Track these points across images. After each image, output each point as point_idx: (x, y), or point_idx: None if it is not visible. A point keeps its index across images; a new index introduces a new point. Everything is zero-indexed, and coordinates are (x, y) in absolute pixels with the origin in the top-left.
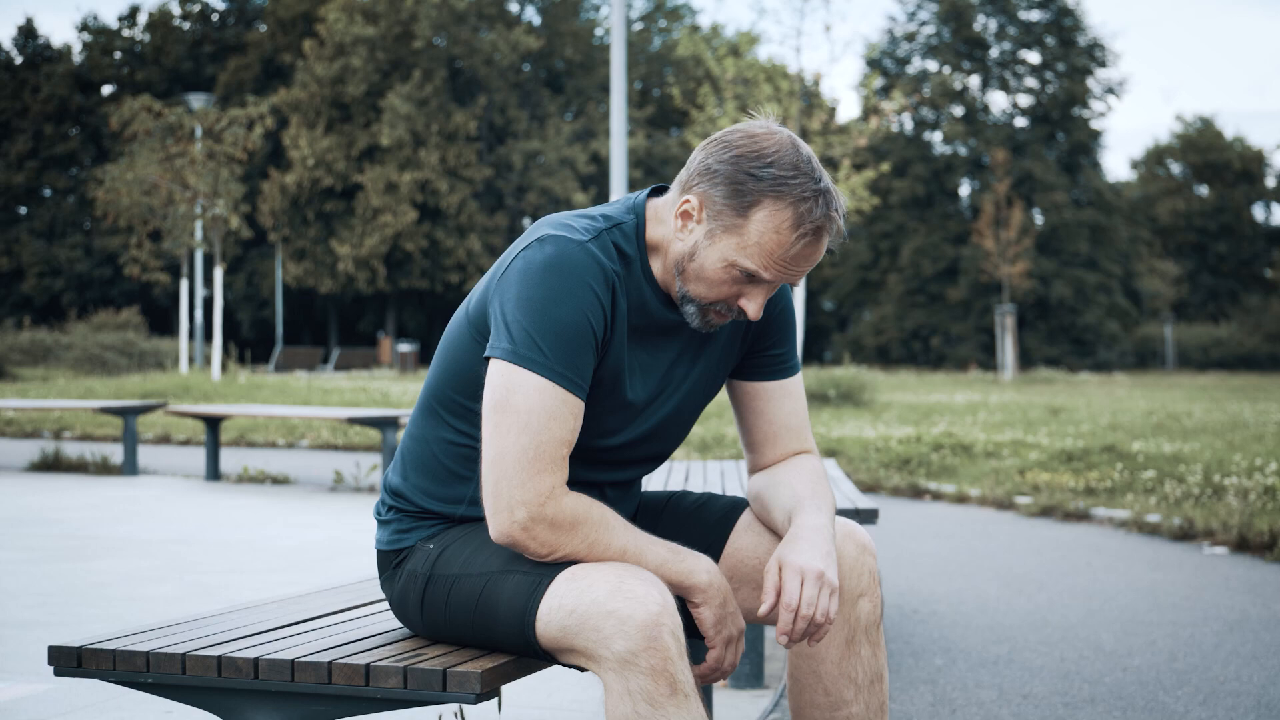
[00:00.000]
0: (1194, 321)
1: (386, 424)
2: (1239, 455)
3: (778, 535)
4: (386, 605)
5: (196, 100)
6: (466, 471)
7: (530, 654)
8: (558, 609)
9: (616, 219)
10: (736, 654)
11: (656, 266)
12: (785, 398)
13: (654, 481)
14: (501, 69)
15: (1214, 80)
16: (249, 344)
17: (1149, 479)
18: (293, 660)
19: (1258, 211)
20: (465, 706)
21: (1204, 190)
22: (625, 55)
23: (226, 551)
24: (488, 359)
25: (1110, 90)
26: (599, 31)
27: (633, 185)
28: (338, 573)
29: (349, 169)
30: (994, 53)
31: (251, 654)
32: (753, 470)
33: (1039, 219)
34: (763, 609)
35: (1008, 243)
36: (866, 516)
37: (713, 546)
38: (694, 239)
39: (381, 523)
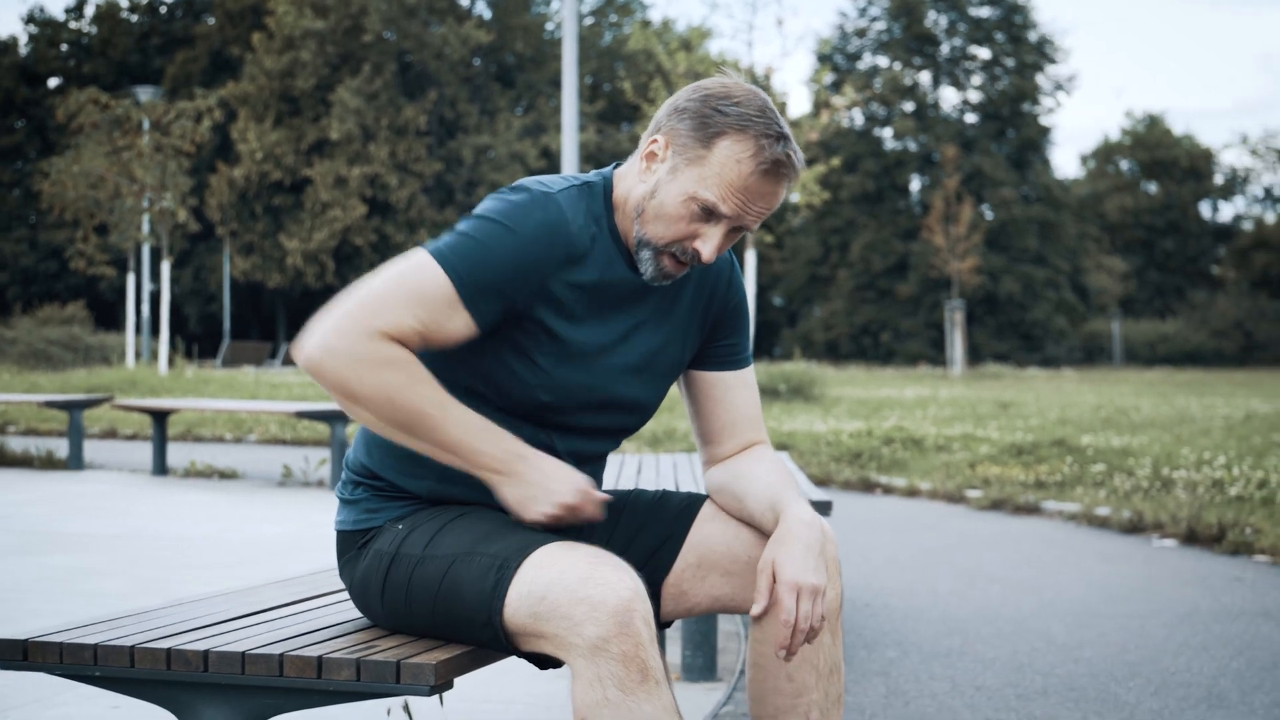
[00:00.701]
0: (1141, 318)
1: (335, 418)
2: (1187, 449)
3: (751, 526)
4: (341, 597)
5: (144, 93)
6: (427, 456)
7: (491, 642)
8: (527, 596)
9: (587, 179)
10: (581, 509)
11: (622, 227)
12: (741, 388)
13: (606, 479)
14: (452, 63)
15: (1163, 78)
16: (196, 338)
17: (1098, 472)
18: (243, 653)
19: (1205, 209)
20: (412, 701)
21: (1152, 187)
22: (577, 49)
23: (176, 546)
24: None
25: (1059, 87)
26: (550, 26)
27: None
28: (289, 567)
29: (298, 163)
30: (944, 49)
31: (201, 646)
32: (709, 463)
33: (988, 215)
34: (755, 610)
35: (957, 239)
36: (820, 509)
37: (674, 536)
38: (656, 178)
39: (346, 502)
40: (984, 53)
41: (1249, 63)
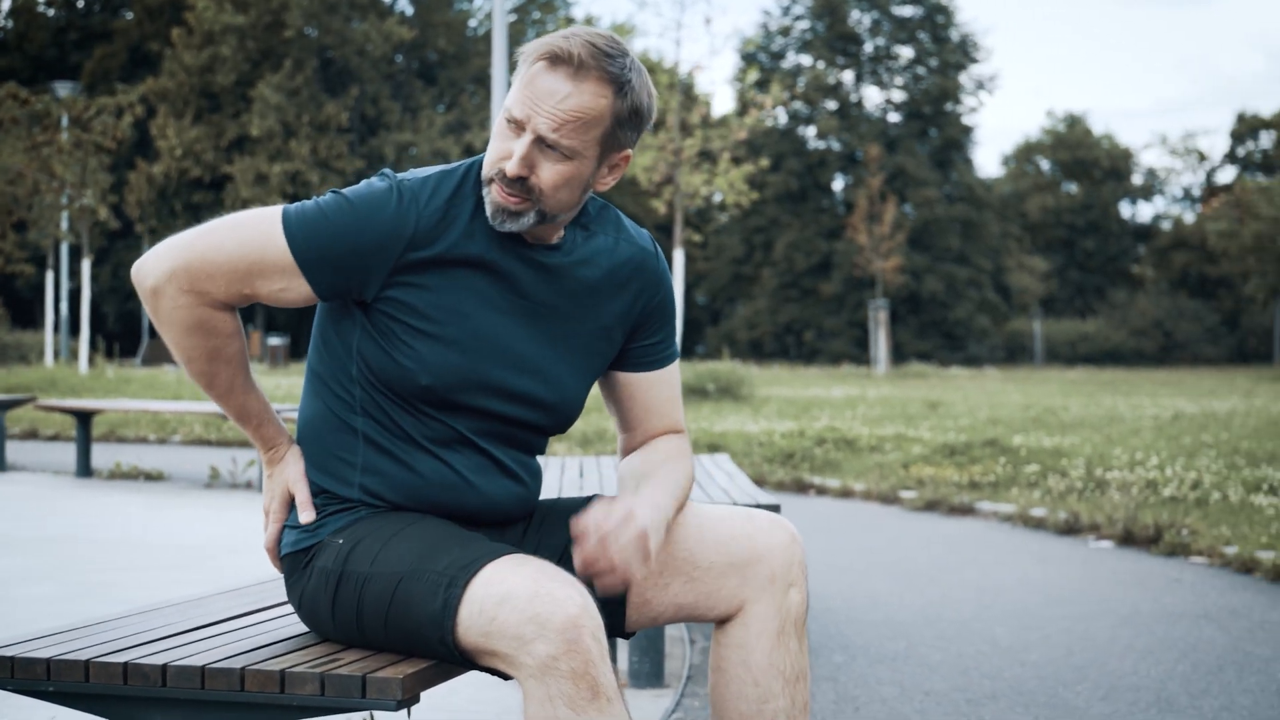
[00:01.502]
0: (1062, 317)
1: None
2: (1119, 449)
3: (714, 532)
4: (284, 610)
5: (62, 88)
6: (347, 452)
7: (448, 658)
8: (478, 615)
9: (460, 163)
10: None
11: None
12: (658, 384)
13: (548, 485)
14: (374, 59)
15: (1083, 78)
16: (114, 337)
17: (1032, 473)
18: (203, 667)
19: (1124, 209)
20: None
21: (1073, 187)
22: (506, 45)
23: (106, 550)
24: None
25: (981, 86)
26: (472, 23)
27: None
28: (223, 571)
29: (218, 160)
30: (868, 48)
31: (159, 660)
32: (623, 452)
33: (911, 214)
34: (573, 528)
35: (880, 238)
36: (771, 510)
37: None
38: None
39: (287, 526)
40: (907, 52)
41: (1168, 63)
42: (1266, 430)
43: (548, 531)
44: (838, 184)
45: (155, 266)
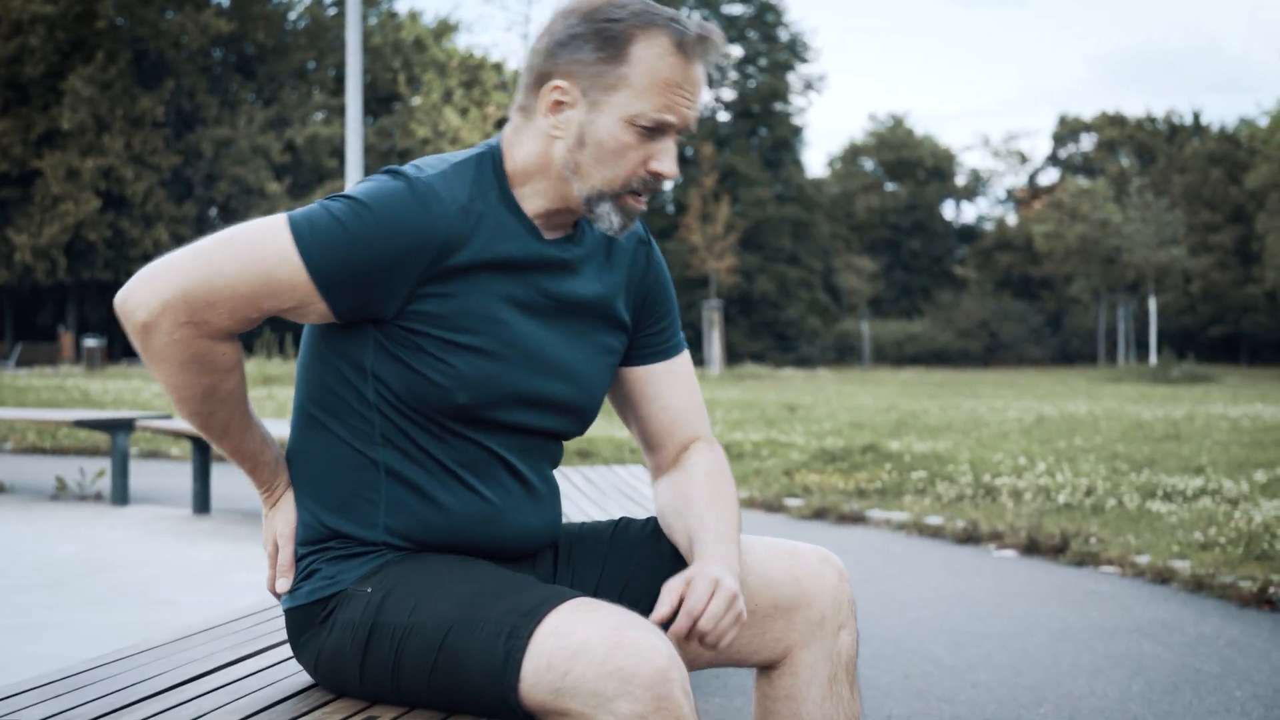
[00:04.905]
0: (888, 317)
1: (119, 427)
2: (999, 454)
3: (752, 570)
4: (285, 651)
5: None
6: (369, 490)
7: (506, 718)
8: (546, 670)
9: (475, 153)
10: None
11: (524, 197)
12: (672, 378)
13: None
14: (190, 52)
15: (904, 79)
16: None
17: (919, 479)
18: None
19: (948, 209)
20: None
21: (897, 188)
22: (360, 39)
23: None
24: None
25: (810, 86)
26: (292, 15)
27: (330, 173)
28: (98, 590)
29: (26, 154)
30: None
31: None
32: (655, 473)
33: (741, 212)
34: (654, 615)
35: (714, 237)
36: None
37: (673, 574)
38: (576, 124)
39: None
40: (736, 50)
41: (988, 65)
42: (1134, 434)
43: (579, 563)
44: (669, 183)
45: (145, 298)
